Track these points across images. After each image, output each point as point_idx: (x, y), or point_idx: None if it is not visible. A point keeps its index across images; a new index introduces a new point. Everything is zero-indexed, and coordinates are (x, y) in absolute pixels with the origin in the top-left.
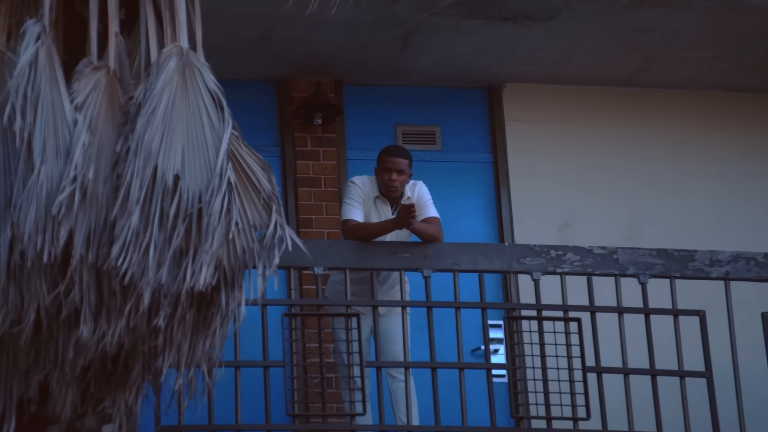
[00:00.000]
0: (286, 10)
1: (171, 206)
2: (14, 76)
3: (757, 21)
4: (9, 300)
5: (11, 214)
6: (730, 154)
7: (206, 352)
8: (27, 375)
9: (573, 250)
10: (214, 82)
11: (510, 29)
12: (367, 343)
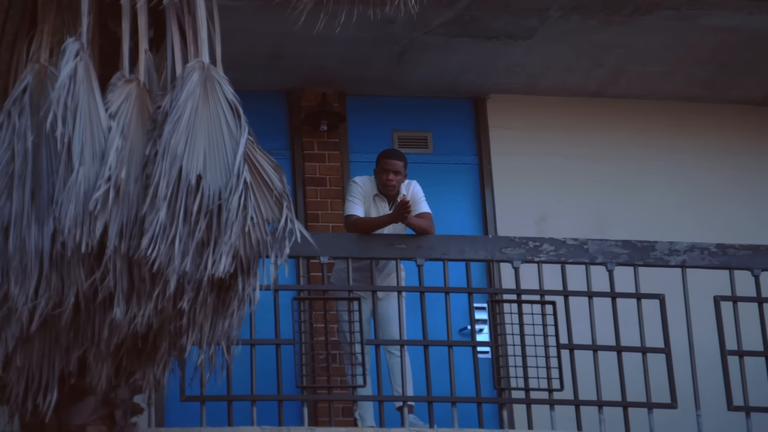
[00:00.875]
0: (295, 29)
1: (194, 203)
2: (56, 88)
3: (710, 40)
4: (51, 285)
5: (53, 210)
6: (686, 156)
7: (225, 332)
8: (67, 351)
9: (549, 242)
10: (232, 93)
11: (493, 46)
12: (367, 324)
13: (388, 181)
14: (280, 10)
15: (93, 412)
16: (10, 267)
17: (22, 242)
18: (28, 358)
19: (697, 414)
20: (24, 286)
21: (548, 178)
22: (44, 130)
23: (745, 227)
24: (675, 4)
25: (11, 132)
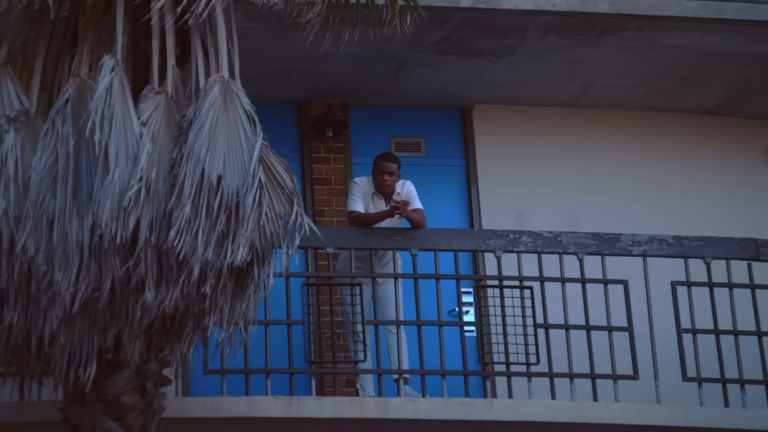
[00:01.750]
0: (304, 47)
1: (215, 200)
2: (94, 99)
3: (668, 57)
4: (90, 272)
5: (92, 206)
6: (647, 159)
7: (242, 313)
8: (104, 330)
9: (527, 234)
10: (249, 103)
11: (478, 63)
12: (368, 306)
13: (383, 181)
14: (290, 30)
15: (127, 383)
16: (54, 256)
17: (65, 234)
18: (71, 336)
19: (655, 384)
20: (66, 273)
21: (526, 178)
22: (84, 136)
23: (698, 221)
24: (637, 25)
25: (55, 138)
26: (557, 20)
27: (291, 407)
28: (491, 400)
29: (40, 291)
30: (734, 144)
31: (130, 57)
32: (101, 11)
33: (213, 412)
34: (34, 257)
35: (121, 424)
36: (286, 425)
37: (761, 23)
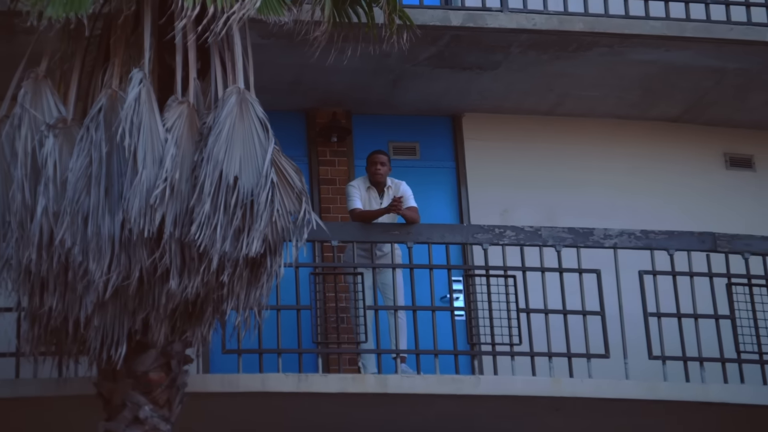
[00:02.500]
0: (312, 62)
1: (232, 198)
2: (124, 108)
3: (635, 71)
4: (121, 263)
5: (122, 204)
6: (617, 161)
7: (257, 299)
8: (133, 314)
9: (510, 229)
10: (262, 112)
11: (467, 75)
12: (369, 291)
13: (377, 170)
14: (299, 46)
15: (154, 361)
16: (88, 248)
17: (98, 229)
18: (103, 320)
19: (624, 362)
20: (99, 263)
21: (510, 179)
22: (115, 141)
23: (662, 217)
24: (608, 42)
25: (89, 143)
26: (537, 38)
27: (300, 383)
28: (478, 377)
29: (76, 279)
30: (694, 148)
31: (156, 70)
32: (130, 30)
33: (230, 388)
34: (71, 249)
35: (149, 398)
36: (296, 399)
37: (718, 41)
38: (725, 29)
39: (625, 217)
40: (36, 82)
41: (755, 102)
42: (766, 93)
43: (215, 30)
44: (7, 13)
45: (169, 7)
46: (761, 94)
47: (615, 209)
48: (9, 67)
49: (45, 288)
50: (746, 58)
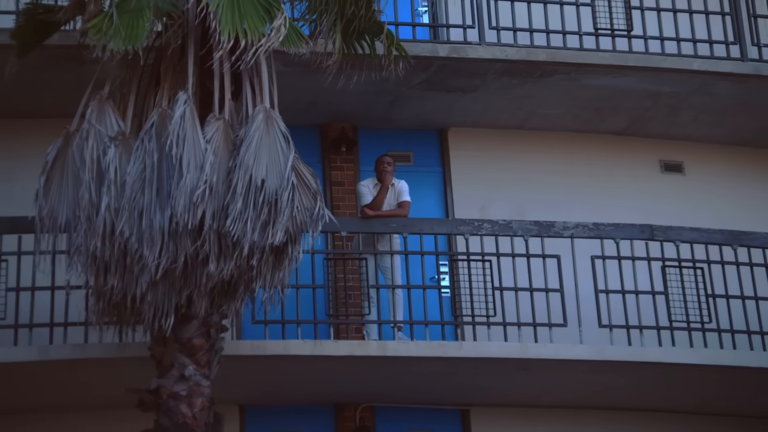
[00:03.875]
0: (325, 85)
1: (260, 197)
2: (172, 124)
3: (588, 93)
4: (169, 250)
5: (170, 202)
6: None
7: (280, 279)
8: (179, 291)
9: (487, 222)
10: (284, 126)
11: (452, 97)
12: (372, 273)
13: (384, 168)
14: (315, 73)
15: (196, 330)
16: (143, 238)
17: (151, 222)
18: (155, 296)
19: (579, 330)
20: (152, 250)
21: (487, 181)
22: (164, 151)
23: (610, 212)
24: (566, 70)
25: (143, 152)
26: (509, 66)
27: (315, 348)
28: (461, 342)
29: (133, 263)
30: (636, 156)
31: (198, 93)
32: (177, 59)
33: (258, 351)
34: (129, 239)
35: (192, 359)
36: (312, 361)
37: (654, 69)
38: (660, 59)
39: (580, 212)
40: (100, 102)
41: (685, 118)
42: (693, 111)
43: (246, 59)
44: (77, 47)
45: (208, 40)
46: (689, 112)
47: (572, 206)
48: (79, 90)
49: (108, 270)
50: (677, 83)
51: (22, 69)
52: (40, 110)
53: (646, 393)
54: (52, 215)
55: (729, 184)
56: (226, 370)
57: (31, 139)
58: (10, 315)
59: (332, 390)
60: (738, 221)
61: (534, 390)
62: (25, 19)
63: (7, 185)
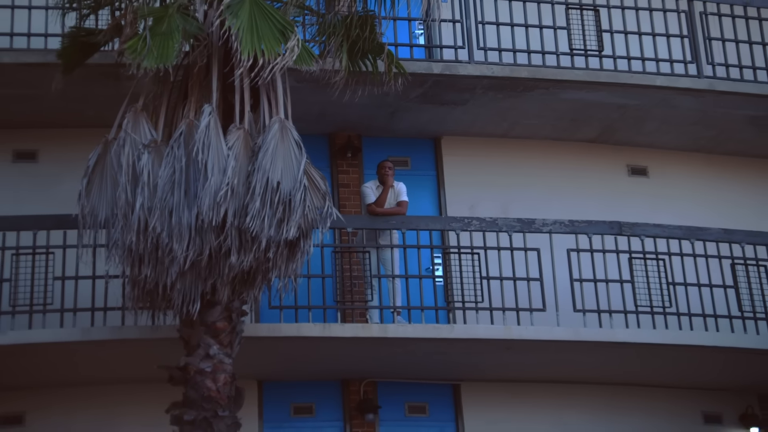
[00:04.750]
0: (333, 99)
1: (275, 197)
2: (198, 133)
3: (565, 105)
4: (196, 244)
5: (196, 201)
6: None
7: (293, 270)
8: (205, 280)
9: (476, 219)
10: (297, 135)
11: (445, 109)
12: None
13: (385, 172)
14: (324, 88)
15: (219, 314)
16: (173, 233)
17: (179, 219)
18: (184, 284)
19: (556, 314)
20: (181, 244)
21: (475, 183)
22: (192, 156)
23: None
24: (546, 86)
25: (173, 157)
26: (495, 82)
27: (324, 330)
28: (452, 325)
29: (164, 255)
30: (606, 161)
31: (221, 105)
32: (203, 76)
33: (274, 333)
34: (160, 234)
35: (216, 340)
36: (321, 342)
37: (622, 85)
38: (627, 76)
39: (557, 210)
40: (135, 114)
41: (649, 128)
42: (656, 122)
43: (263, 76)
44: (115, 65)
45: (230, 59)
46: (653, 123)
47: (550, 205)
48: (116, 103)
49: (142, 261)
50: (642, 97)
51: (67, 85)
52: (83, 121)
53: (614, 369)
54: (93, 213)
55: (688, 185)
56: (245, 349)
57: (74, 147)
58: (56, 300)
59: (339, 367)
60: (695, 218)
61: (517, 367)
62: (70, 41)
63: (54, 187)
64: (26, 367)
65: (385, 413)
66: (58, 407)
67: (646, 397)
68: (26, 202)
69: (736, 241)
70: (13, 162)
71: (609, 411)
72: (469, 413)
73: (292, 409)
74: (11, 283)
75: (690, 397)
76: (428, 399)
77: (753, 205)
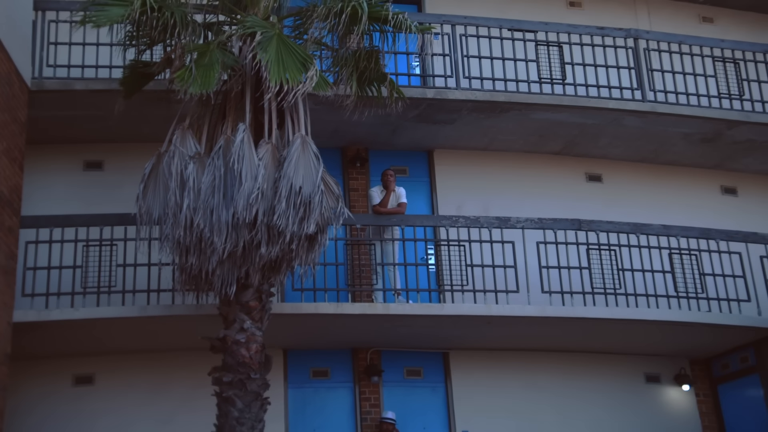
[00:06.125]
0: (344, 119)
1: (298, 199)
2: (234, 146)
3: (535, 124)
4: (232, 238)
5: (233, 203)
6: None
7: (313, 259)
8: (239, 267)
9: (462, 217)
10: (315, 148)
11: (436, 127)
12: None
13: (388, 178)
14: (337, 110)
15: (252, 295)
16: (213, 229)
17: (219, 217)
18: (222, 271)
19: (528, 295)
20: (220, 237)
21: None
22: (229, 166)
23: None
24: (519, 108)
25: (214, 167)
26: (477, 105)
27: (338, 308)
28: (443, 304)
29: (206, 247)
30: (567, 170)
31: (253, 124)
32: (238, 100)
33: (296, 311)
34: (203, 229)
35: (249, 316)
36: (335, 318)
37: (582, 108)
38: (585, 100)
39: (529, 210)
40: (183, 131)
41: (603, 143)
42: (608, 137)
43: (288, 100)
44: (166, 91)
45: (260, 86)
46: (606, 138)
47: (523, 205)
48: (167, 122)
49: (188, 252)
50: (597, 117)
51: (128, 107)
52: (140, 137)
53: (574, 339)
54: (148, 212)
55: (634, 189)
56: (273, 324)
57: (133, 158)
58: (119, 283)
59: (350, 338)
60: (640, 216)
61: (495, 338)
62: (130, 71)
63: (116, 191)
64: (95, 337)
65: (387, 376)
66: (121, 370)
67: (600, 362)
68: (94, 203)
69: (672, 234)
70: (84, 171)
71: (570, 373)
72: (456, 376)
73: (311, 373)
74: (83, 269)
75: (635, 362)
76: (423, 364)
77: (686, 205)
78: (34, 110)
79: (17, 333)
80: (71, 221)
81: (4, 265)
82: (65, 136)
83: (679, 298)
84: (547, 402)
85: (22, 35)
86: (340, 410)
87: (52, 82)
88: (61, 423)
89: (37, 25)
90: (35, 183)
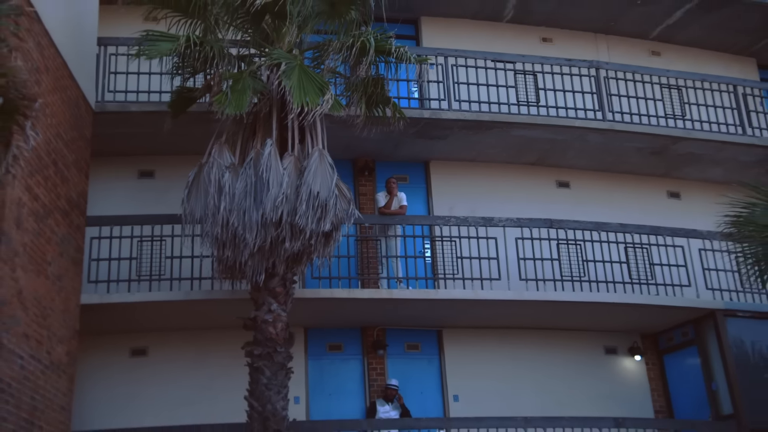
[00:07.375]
0: (355, 135)
1: (316, 202)
2: (263, 158)
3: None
4: (261, 234)
5: (262, 205)
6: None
7: (329, 251)
8: (267, 259)
9: (453, 217)
10: (331, 160)
11: (432, 142)
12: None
13: (391, 185)
14: (349, 128)
15: (278, 282)
16: (246, 227)
17: (250, 217)
18: (253, 262)
19: (508, 281)
20: (251, 234)
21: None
22: (258, 175)
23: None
24: (501, 126)
25: (246, 176)
26: (466, 123)
27: (350, 293)
28: (437, 290)
29: (239, 242)
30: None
31: (278, 139)
32: (266, 119)
33: (315, 296)
34: (237, 228)
35: (276, 300)
36: (348, 302)
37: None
38: (556, 120)
39: (509, 211)
40: (220, 145)
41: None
42: (575, 151)
43: (308, 119)
44: (206, 112)
45: (285, 108)
46: (573, 151)
47: (504, 207)
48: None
49: (225, 246)
50: (566, 134)
51: (175, 126)
52: (185, 150)
53: (547, 318)
54: (191, 213)
55: (596, 194)
56: (295, 306)
57: (179, 168)
58: (167, 272)
59: (359, 318)
60: (601, 216)
61: (482, 318)
62: (176, 95)
63: (165, 195)
64: (148, 316)
65: (391, 349)
66: (170, 345)
67: (568, 338)
68: (147, 205)
69: (628, 231)
70: (138, 179)
71: (543, 347)
72: (448, 350)
73: (327, 347)
74: (138, 260)
75: (596, 337)
76: (420, 340)
77: (639, 207)
78: (97, 128)
79: (84, 313)
80: (128, 220)
81: (74, 256)
82: (123, 150)
83: (633, 284)
84: (524, 371)
85: (87, 66)
86: (351, 378)
87: (112, 105)
88: (120, 387)
89: (100, 57)
90: (98, 189)
